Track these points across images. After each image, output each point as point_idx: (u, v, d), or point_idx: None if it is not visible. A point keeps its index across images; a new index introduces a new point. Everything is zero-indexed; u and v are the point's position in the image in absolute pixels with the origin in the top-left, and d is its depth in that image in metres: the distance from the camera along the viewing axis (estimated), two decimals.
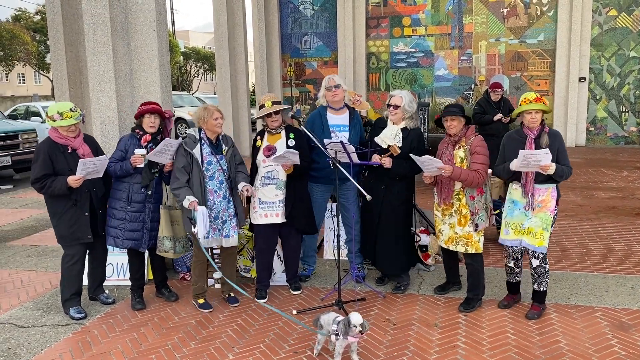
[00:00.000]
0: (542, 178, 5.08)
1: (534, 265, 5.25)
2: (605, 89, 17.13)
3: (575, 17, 16.70)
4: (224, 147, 5.61)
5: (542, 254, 5.20)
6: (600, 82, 17.12)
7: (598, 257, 6.97)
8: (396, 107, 5.74)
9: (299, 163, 5.60)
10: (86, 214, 5.43)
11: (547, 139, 5.09)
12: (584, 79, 16.98)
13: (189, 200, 5.29)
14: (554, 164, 4.95)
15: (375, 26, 18.57)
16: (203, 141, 5.52)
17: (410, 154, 5.44)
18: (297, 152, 5.53)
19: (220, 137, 5.62)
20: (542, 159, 4.91)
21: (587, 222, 8.59)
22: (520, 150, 5.00)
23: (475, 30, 17.70)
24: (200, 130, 5.56)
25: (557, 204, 5.19)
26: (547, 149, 4.94)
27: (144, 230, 5.63)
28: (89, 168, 5.16)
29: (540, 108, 5.07)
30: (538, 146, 5.09)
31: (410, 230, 6.11)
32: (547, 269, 5.26)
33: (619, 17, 16.75)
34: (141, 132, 5.61)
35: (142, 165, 5.43)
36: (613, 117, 17.20)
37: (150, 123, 5.57)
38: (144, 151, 5.42)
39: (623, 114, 17.11)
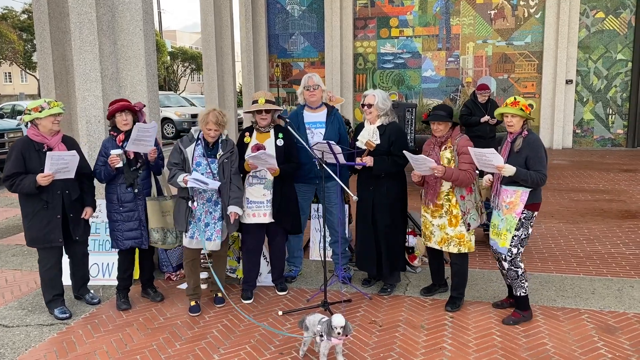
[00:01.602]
0: (507, 179, 5.07)
1: (505, 267, 5.26)
2: (592, 92, 17.22)
3: (562, 20, 16.79)
4: (220, 152, 5.56)
5: (508, 256, 5.18)
6: (587, 85, 17.22)
7: (584, 260, 6.99)
8: (370, 105, 5.76)
9: (276, 167, 5.60)
10: (58, 216, 5.34)
11: (519, 142, 5.08)
12: (571, 81, 17.07)
13: (182, 177, 5.30)
14: (509, 166, 4.94)
15: (363, 27, 18.59)
16: (199, 142, 5.50)
17: (405, 151, 5.42)
18: (273, 155, 5.55)
19: (219, 141, 5.57)
20: (493, 159, 4.97)
21: (573, 224, 8.62)
22: (469, 148, 5.15)
23: (462, 31, 17.75)
24: (200, 130, 5.54)
25: (531, 209, 5.11)
26: (493, 149, 4.99)
27: (141, 227, 5.62)
28: (57, 163, 5.05)
29: (509, 112, 5.05)
30: (512, 149, 5.12)
31: (403, 231, 6.08)
32: (519, 273, 5.21)
33: (607, 19, 16.85)
34: (116, 133, 5.57)
35: (121, 165, 5.39)
36: (600, 119, 17.30)
37: (123, 121, 5.51)
38: (119, 151, 5.38)
39: (610, 116, 17.22)
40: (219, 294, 5.85)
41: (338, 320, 4.38)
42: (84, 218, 5.62)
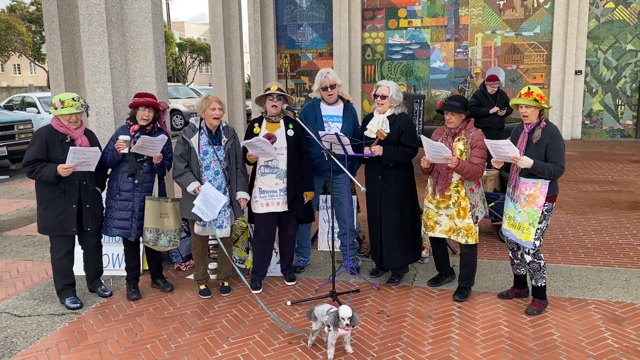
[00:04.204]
0: (526, 172, 5.03)
1: (527, 260, 5.25)
2: (602, 82, 17.15)
3: (572, 10, 16.70)
4: (224, 138, 5.61)
5: (532, 249, 5.18)
6: (597, 75, 17.14)
7: (592, 250, 7.00)
8: (384, 97, 5.74)
9: (274, 157, 5.65)
10: (73, 206, 5.40)
11: (538, 134, 5.03)
12: (580, 71, 17.01)
13: (194, 186, 5.36)
14: (526, 158, 4.91)
15: (371, 18, 18.55)
16: (202, 131, 5.54)
17: (421, 135, 5.41)
18: (269, 141, 5.55)
19: (221, 127, 5.63)
20: (509, 151, 4.93)
21: (581, 215, 8.62)
22: (485, 140, 5.14)
23: (471, 22, 17.70)
24: (201, 119, 5.59)
25: (551, 200, 5.10)
26: (509, 140, 4.97)
27: (132, 219, 5.62)
28: (79, 158, 5.13)
29: (523, 102, 5.01)
30: (530, 140, 5.07)
31: (413, 222, 6.05)
32: (542, 265, 5.23)
33: (616, 9, 16.76)
34: (132, 123, 5.61)
35: (126, 151, 5.42)
36: (609, 110, 17.23)
37: (144, 116, 5.56)
38: (127, 137, 5.41)
39: (619, 107, 17.15)
40: (226, 283, 5.91)
41: (345, 311, 4.41)
42: (97, 210, 5.66)
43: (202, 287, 5.86)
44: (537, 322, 5.08)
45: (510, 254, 5.50)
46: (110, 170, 5.70)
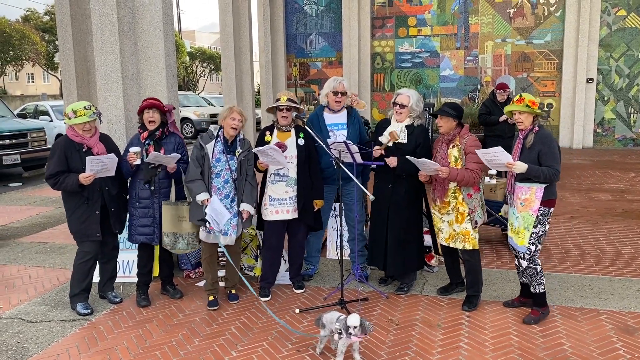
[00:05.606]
0: (522, 176, 5.10)
1: (523, 266, 5.25)
2: (614, 90, 17.07)
3: (583, 18, 16.66)
4: (239, 149, 5.65)
5: (526, 254, 5.17)
6: (609, 83, 17.07)
7: (604, 260, 6.95)
8: (403, 106, 5.74)
9: (284, 165, 5.68)
10: (97, 212, 5.49)
11: (530, 139, 5.10)
12: (592, 79, 16.93)
13: (203, 197, 5.42)
14: (520, 163, 4.98)
15: (381, 26, 18.58)
16: (219, 139, 5.59)
17: (407, 156, 5.44)
18: (281, 150, 5.58)
19: (238, 139, 5.67)
20: (501, 158, 5.00)
21: (593, 225, 8.58)
22: (477, 150, 5.18)
23: (481, 30, 17.69)
24: (220, 127, 5.63)
25: (547, 205, 5.10)
26: (500, 147, 5.01)
27: (154, 225, 5.71)
28: (97, 166, 5.23)
29: (515, 109, 5.09)
30: (524, 145, 5.13)
31: (420, 231, 6.07)
32: (538, 270, 5.21)
33: (628, 17, 16.69)
34: (142, 131, 5.69)
35: (138, 162, 5.48)
36: (621, 118, 17.14)
37: (149, 118, 5.62)
38: (137, 149, 5.49)
39: (632, 115, 17.05)
40: (233, 291, 5.92)
41: (353, 319, 4.40)
42: (123, 212, 5.77)
43: (211, 298, 5.81)
44: (548, 332, 5.06)
45: (515, 262, 5.49)
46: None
